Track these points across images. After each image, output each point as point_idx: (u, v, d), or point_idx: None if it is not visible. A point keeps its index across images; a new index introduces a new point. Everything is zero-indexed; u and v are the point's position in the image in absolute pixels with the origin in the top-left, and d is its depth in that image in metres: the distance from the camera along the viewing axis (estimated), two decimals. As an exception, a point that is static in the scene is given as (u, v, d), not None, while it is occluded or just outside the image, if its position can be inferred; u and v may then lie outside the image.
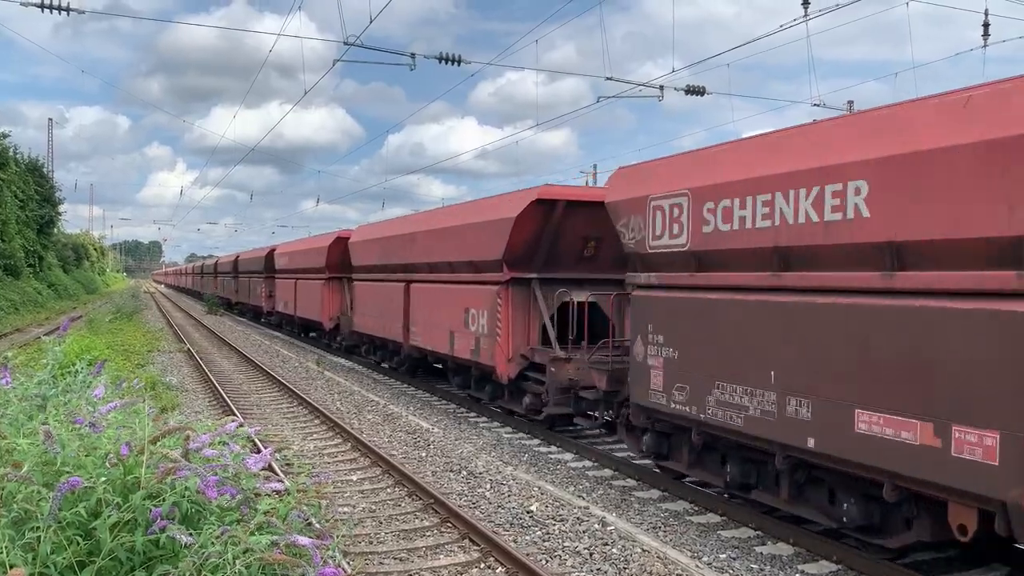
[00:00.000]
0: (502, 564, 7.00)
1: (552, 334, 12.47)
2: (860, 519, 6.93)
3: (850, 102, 27.61)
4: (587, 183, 38.37)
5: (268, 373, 19.72)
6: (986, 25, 16.30)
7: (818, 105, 21.61)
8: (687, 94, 18.70)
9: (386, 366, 20.70)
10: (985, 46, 16.82)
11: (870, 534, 7.05)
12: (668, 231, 8.69)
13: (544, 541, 7.66)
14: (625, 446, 10.91)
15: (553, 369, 11.96)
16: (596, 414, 11.41)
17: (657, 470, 9.99)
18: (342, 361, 24.01)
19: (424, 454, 11.39)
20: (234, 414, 13.43)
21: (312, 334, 30.85)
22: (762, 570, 7.16)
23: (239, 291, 46.09)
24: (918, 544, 6.75)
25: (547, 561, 7.15)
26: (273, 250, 36.20)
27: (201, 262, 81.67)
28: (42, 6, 15.29)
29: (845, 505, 7.03)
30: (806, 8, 14.04)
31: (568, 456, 11.61)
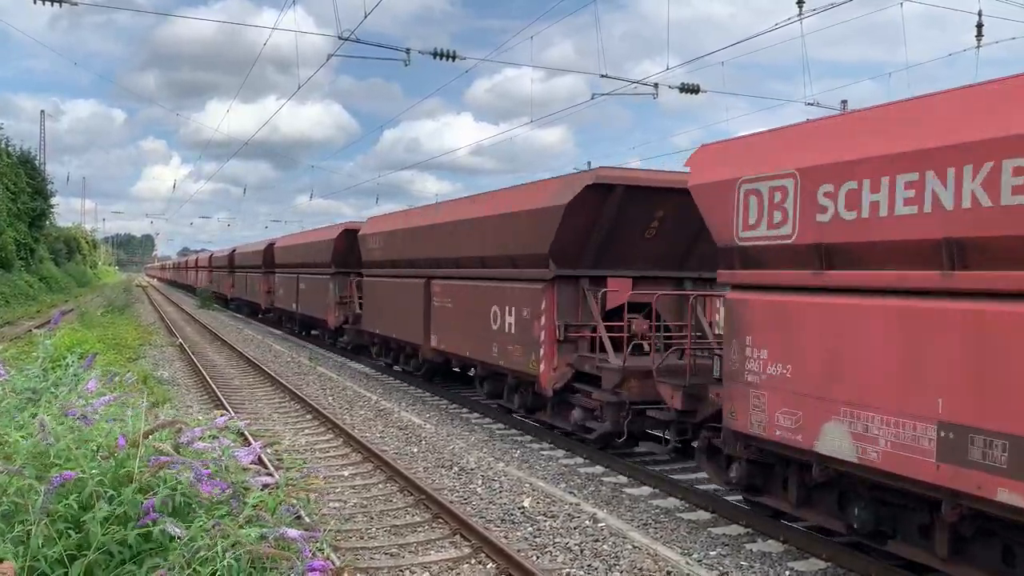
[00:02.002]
0: (493, 560, 7.02)
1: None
2: None
3: (844, 101, 27.69)
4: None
5: (260, 368, 19.69)
6: (979, 26, 16.36)
7: (812, 104, 21.67)
8: (681, 92, 18.72)
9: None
10: (978, 47, 16.88)
11: None
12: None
13: (535, 537, 7.68)
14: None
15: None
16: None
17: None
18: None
19: (416, 450, 11.40)
20: (225, 409, 13.42)
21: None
22: (752, 567, 7.19)
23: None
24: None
25: (538, 557, 7.17)
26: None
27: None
28: (35, -2, 15.19)
29: None
30: (800, 8, 14.08)
31: (560, 453, 11.63)
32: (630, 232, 11.21)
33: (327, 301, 24.13)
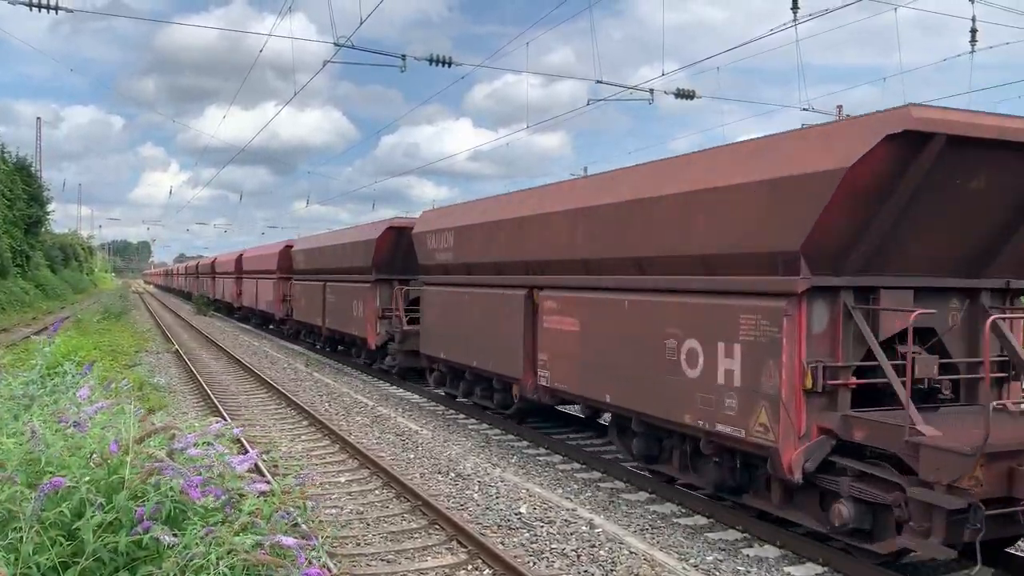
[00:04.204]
0: (490, 566, 7.00)
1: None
2: None
3: (839, 107, 27.75)
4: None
5: (258, 375, 19.65)
6: (973, 31, 16.42)
7: (807, 110, 21.72)
8: (677, 97, 18.75)
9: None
10: (973, 52, 16.94)
11: None
12: None
13: (532, 543, 7.66)
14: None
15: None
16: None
17: None
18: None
19: (412, 456, 11.38)
20: (221, 415, 13.39)
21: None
22: (748, 572, 7.18)
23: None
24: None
25: (535, 563, 7.15)
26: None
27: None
28: (31, 5, 15.20)
29: None
30: (795, 13, 14.12)
31: (557, 458, 11.60)
32: (927, 216, 6.98)
33: (367, 315, 19.84)
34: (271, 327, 34.84)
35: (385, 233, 19.09)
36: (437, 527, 8.12)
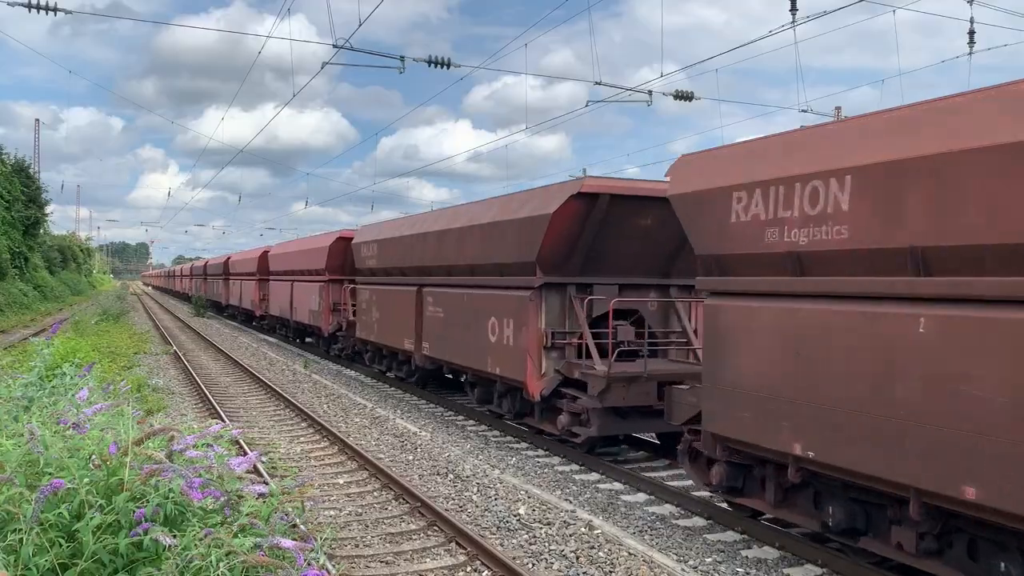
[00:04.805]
0: (488, 568, 7.00)
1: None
2: None
3: (838, 108, 27.80)
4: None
5: (254, 375, 19.64)
6: (971, 33, 16.44)
7: (806, 111, 21.73)
8: (675, 99, 18.77)
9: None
10: (971, 54, 16.96)
11: None
12: None
13: (531, 545, 7.66)
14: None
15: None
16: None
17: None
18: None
19: (411, 457, 11.38)
20: (220, 417, 13.38)
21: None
22: (748, 574, 7.19)
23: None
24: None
25: (533, 565, 7.15)
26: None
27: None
28: (29, 6, 15.20)
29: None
30: (794, 15, 14.13)
31: (556, 460, 11.61)
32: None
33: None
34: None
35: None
36: (436, 529, 8.12)
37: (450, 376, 17.30)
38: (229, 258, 44.98)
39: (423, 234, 15.70)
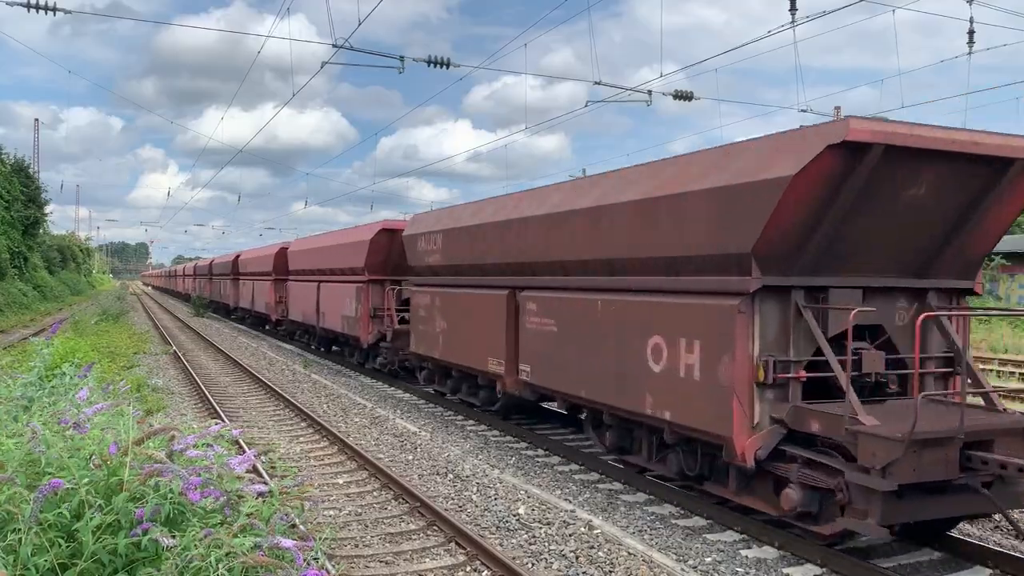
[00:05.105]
0: (488, 567, 7.01)
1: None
2: None
3: (837, 108, 27.80)
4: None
5: (255, 375, 19.65)
6: (971, 32, 16.45)
7: (805, 111, 21.75)
8: (675, 99, 18.77)
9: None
10: (970, 54, 16.98)
11: None
12: None
13: (530, 544, 7.67)
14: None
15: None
16: None
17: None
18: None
19: (411, 457, 11.38)
20: (220, 416, 13.39)
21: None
22: (747, 573, 7.19)
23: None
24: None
25: (533, 564, 7.16)
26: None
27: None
28: (28, 6, 15.20)
29: None
30: (793, 15, 14.14)
31: (555, 460, 11.61)
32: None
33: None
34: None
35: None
36: (436, 528, 8.12)
37: (552, 406, 13.14)
38: (239, 256, 40.56)
39: (521, 219, 11.67)
